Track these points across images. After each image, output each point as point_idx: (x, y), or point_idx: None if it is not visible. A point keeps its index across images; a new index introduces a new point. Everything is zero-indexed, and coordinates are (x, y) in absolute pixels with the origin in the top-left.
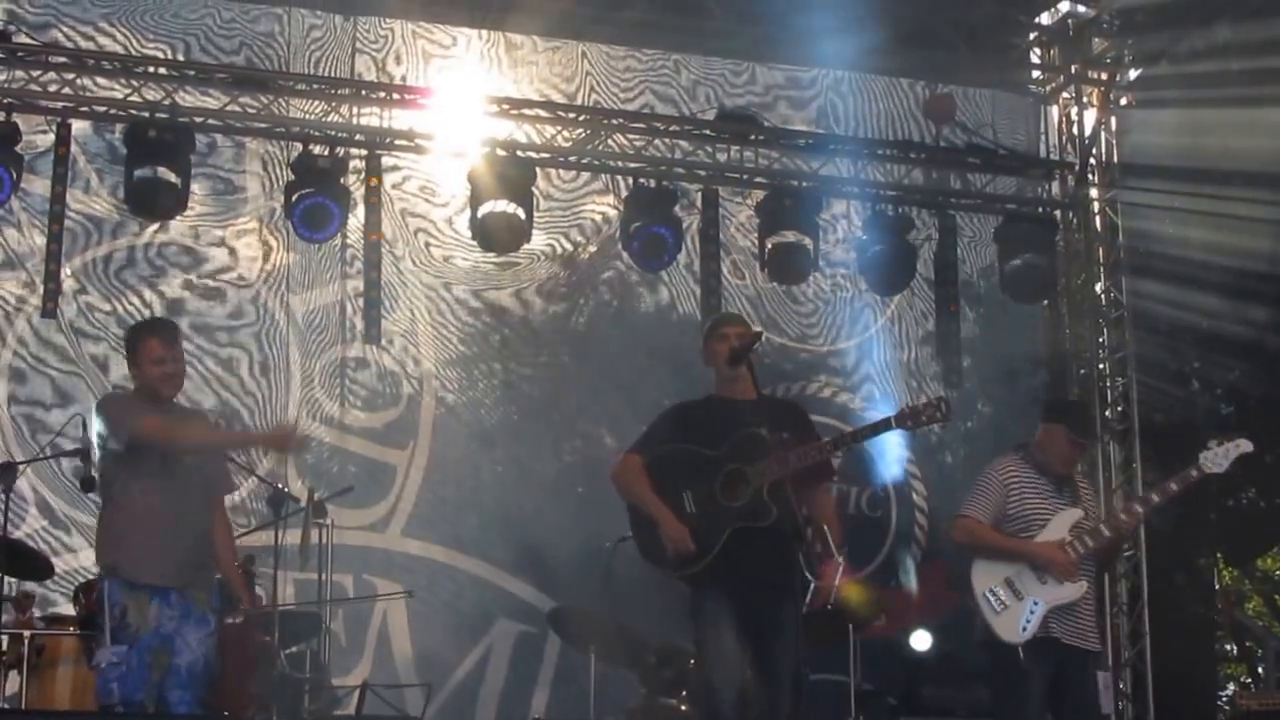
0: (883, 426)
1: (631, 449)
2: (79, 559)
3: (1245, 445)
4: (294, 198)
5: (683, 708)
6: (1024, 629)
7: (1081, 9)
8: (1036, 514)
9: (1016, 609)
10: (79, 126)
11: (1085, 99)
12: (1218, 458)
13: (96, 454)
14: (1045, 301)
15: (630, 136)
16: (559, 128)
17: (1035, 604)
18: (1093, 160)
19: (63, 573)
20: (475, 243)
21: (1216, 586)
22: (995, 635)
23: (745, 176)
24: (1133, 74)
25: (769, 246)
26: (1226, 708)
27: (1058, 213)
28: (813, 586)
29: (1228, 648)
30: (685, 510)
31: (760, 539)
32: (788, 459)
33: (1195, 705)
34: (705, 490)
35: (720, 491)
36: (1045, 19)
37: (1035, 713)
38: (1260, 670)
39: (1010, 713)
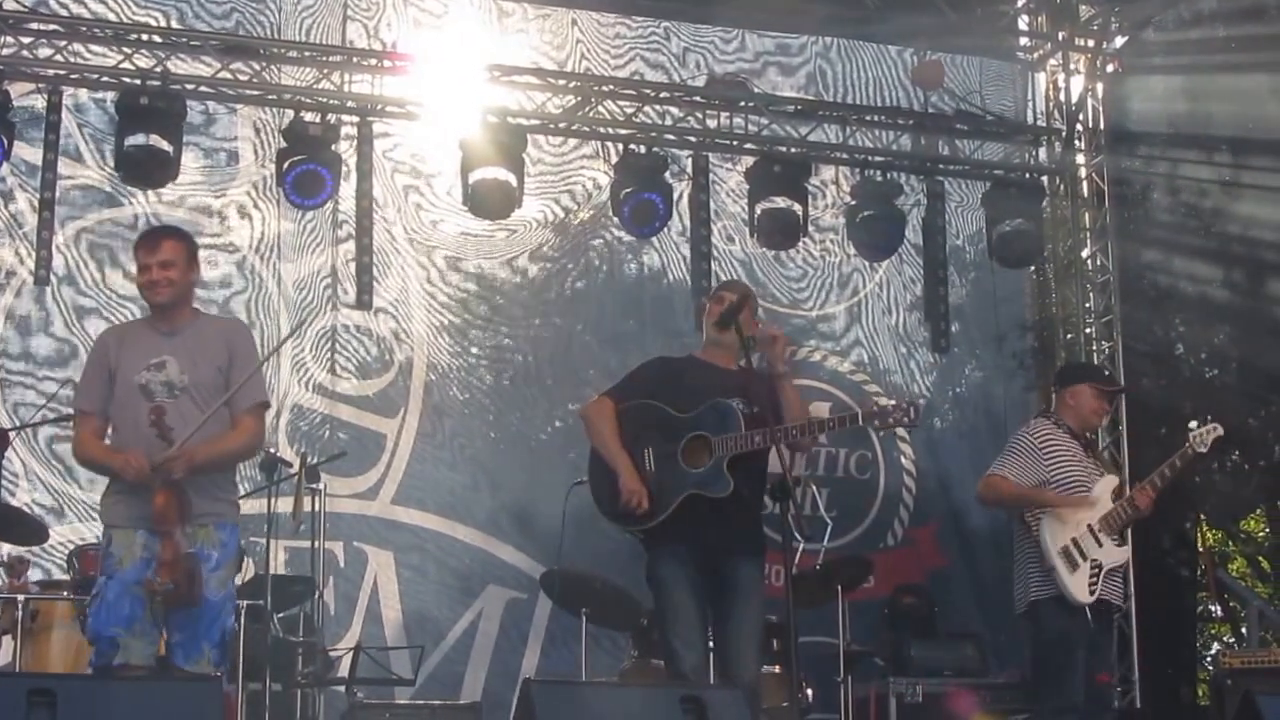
0: (849, 421)
1: (607, 392)
2: (73, 530)
3: (1218, 430)
4: (285, 165)
5: None
6: (1092, 591)
7: None
8: (1078, 478)
9: (1084, 570)
10: (74, 95)
11: (1072, 66)
12: (1202, 438)
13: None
14: (1032, 267)
15: (621, 103)
16: (550, 94)
17: (1095, 566)
18: (1080, 126)
19: (57, 542)
20: (467, 209)
21: (1200, 548)
22: (1070, 596)
23: (735, 143)
24: (1120, 41)
25: (758, 212)
26: (1210, 667)
27: (1045, 179)
28: (799, 548)
29: (1213, 609)
30: (644, 467)
31: (715, 507)
32: (752, 437)
33: (1177, 664)
34: (667, 451)
35: (681, 455)
36: None
37: (1079, 681)
38: (1244, 630)
39: (1054, 679)
